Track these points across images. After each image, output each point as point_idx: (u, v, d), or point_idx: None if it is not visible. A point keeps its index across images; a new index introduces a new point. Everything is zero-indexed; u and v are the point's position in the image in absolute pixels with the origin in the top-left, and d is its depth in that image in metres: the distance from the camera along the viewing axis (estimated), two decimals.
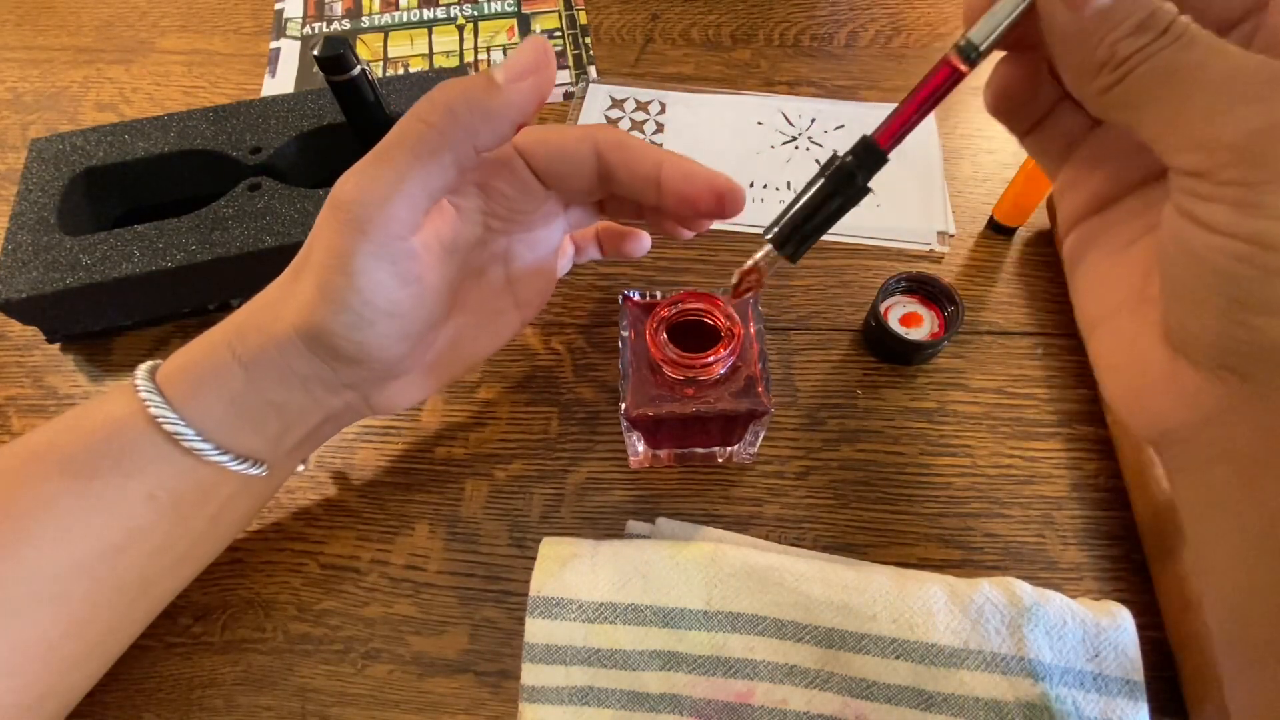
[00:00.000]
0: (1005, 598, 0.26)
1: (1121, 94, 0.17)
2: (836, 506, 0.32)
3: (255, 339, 0.24)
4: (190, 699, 0.28)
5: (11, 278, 0.33)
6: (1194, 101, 0.15)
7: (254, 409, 0.25)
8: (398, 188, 0.22)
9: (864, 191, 0.21)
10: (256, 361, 0.24)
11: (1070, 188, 0.22)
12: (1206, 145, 0.15)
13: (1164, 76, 0.16)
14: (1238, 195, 0.15)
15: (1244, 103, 0.15)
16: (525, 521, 0.31)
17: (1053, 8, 0.18)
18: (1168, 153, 0.16)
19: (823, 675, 0.26)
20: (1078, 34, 0.17)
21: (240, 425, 0.25)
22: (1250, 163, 0.15)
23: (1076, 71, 0.18)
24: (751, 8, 0.50)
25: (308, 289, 0.23)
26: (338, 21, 0.51)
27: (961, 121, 0.44)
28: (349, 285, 0.23)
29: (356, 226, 0.22)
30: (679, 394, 0.27)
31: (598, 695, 0.26)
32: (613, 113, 0.45)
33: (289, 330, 0.24)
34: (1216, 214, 0.15)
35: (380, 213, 0.22)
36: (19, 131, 0.45)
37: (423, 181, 0.22)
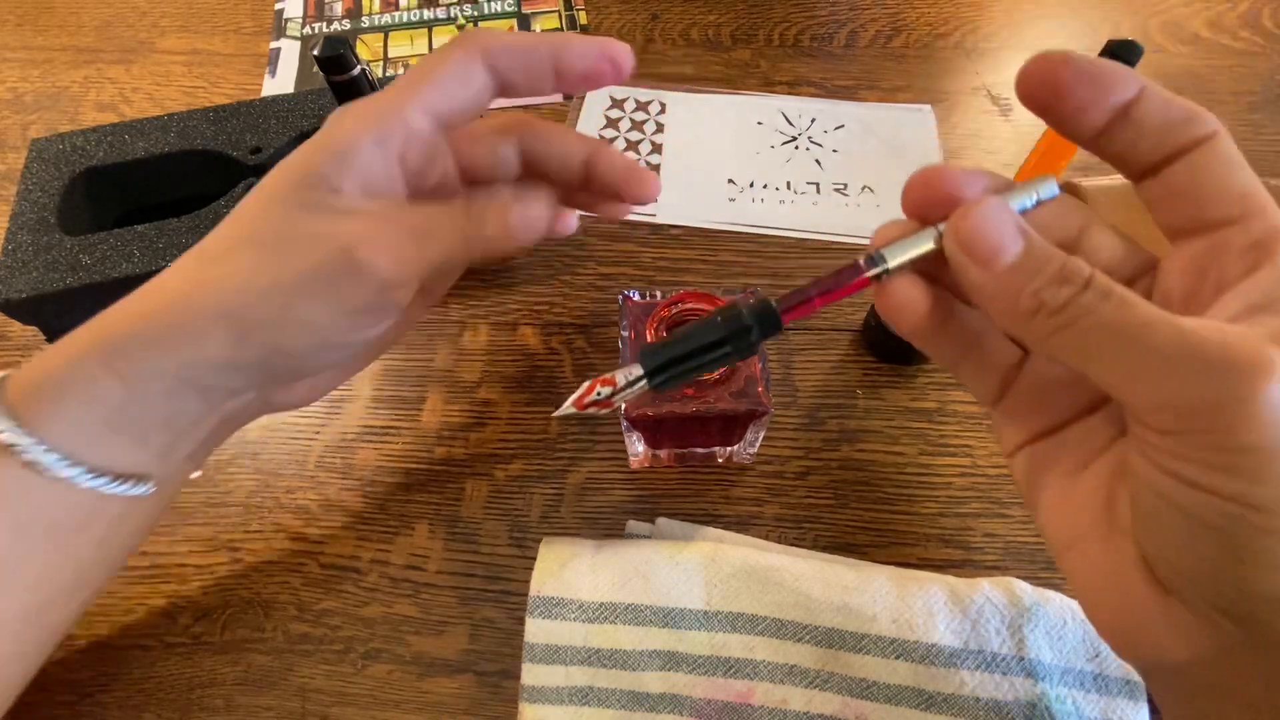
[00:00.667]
0: (1005, 598, 0.26)
1: (1065, 343, 0.16)
2: (836, 506, 0.32)
3: (139, 351, 0.22)
4: (190, 699, 0.28)
5: (11, 278, 0.33)
6: (1151, 365, 0.15)
7: (136, 424, 0.23)
8: (412, 95, 0.23)
9: (752, 350, 0.21)
10: (141, 374, 0.22)
11: (1010, 419, 0.21)
12: (1172, 409, 0.15)
13: (1111, 335, 0.16)
14: (1212, 459, 0.15)
15: (1204, 373, 0.14)
16: (525, 521, 0.31)
17: (962, 264, 0.18)
18: (1131, 408, 0.16)
19: (823, 675, 0.26)
20: (994, 288, 0.17)
21: (118, 443, 0.23)
22: (1220, 430, 0.14)
23: (1004, 318, 0.18)
24: (751, 8, 0.50)
25: (246, 264, 0.22)
26: (338, 21, 0.51)
27: (961, 121, 0.44)
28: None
29: (367, 120, 0.23)
30: (679, 394, 0.27)
31: (598, 695, 0.26)
32: (613, 112, 0.45)
33: (204, 329, 0.22)
34: (1194, 472, 0.15)
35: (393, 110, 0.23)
36: (19, 131, 0.45)
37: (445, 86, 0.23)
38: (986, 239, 0.17)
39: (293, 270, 0.22)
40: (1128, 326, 0.15)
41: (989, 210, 0.17)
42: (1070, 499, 0.19)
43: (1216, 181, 0.17)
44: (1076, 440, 0.20)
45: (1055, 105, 0.18)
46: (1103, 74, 0.17)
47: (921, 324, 0.20)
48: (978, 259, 0.17)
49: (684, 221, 0.40)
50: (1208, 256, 0.18)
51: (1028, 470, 0.21)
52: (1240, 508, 0.15)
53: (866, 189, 0.41)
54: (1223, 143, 0.17)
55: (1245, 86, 0.45)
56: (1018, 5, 0.51)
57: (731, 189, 0.42)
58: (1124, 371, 0.16)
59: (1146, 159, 0.18)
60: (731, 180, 0.42)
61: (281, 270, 0.22)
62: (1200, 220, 0.18)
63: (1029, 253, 0.17)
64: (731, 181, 0.42)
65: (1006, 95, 0.46)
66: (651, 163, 0.43)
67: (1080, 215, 0.19)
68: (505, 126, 0.26)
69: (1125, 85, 0.17)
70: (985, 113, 0.45)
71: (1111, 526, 0.18)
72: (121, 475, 0.23)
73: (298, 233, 0.23)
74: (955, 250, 0.18)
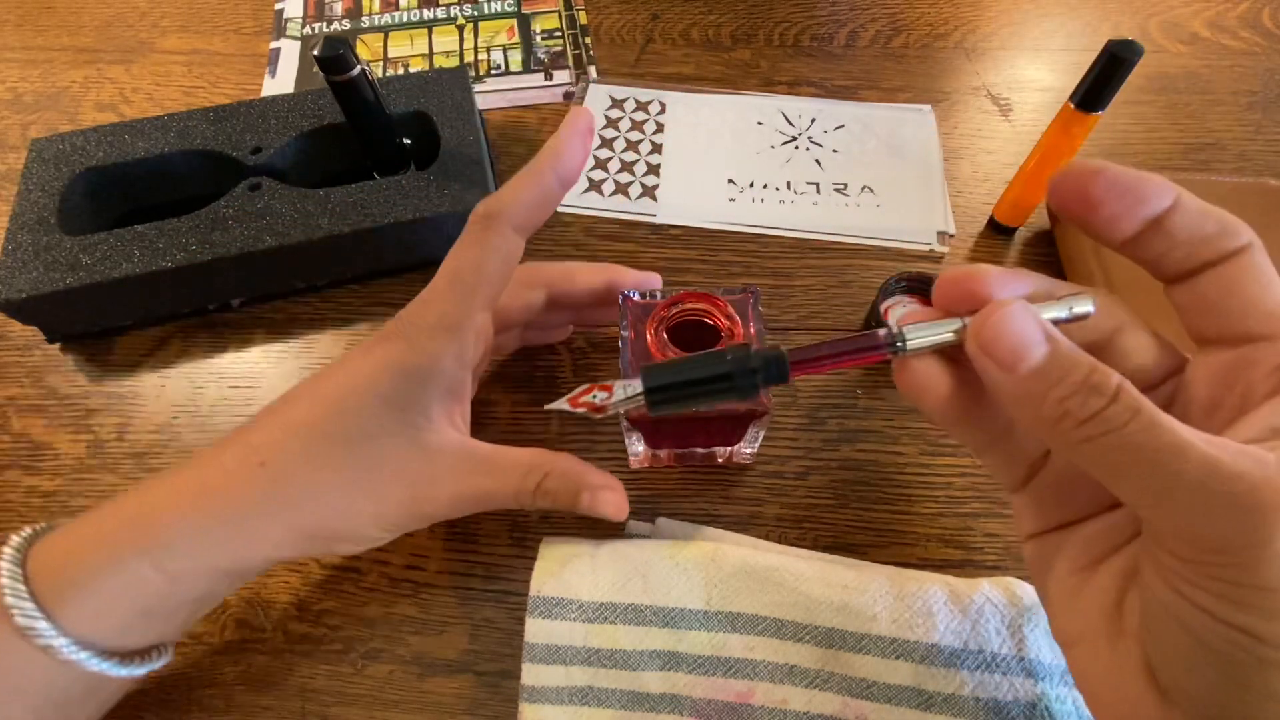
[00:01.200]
0: (1005, 598, 0.26)
1: (1089, 455, 0.16)
2: (836, 506, 0.32)
3: (194, 553, 0.23)
4: (190, 699, 0.28)
5: (11, 278, 0.33)
6: (1176, 493, 0.15)
7: (173, 612, 0.24)
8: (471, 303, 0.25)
9: (753, 393, 0.21)
10: (191, 571, 0.23)
11: (1031, 507, 0.21)
12: (1192, 539, 0.15)
13: (1137, 457, 0.15)
14: (1227, 591, 0.15)
15: (1229, 510, 0.14)
16: (525, 521, 0.31)
17: (985, 367, 0.17)
18: (1152, 530, 0.16)
19: (823, 675, 0.26)
20: (1016, 393, 0.17)
21: (150, 627, 0.24)
22: (1238, 566, 0.14)
23: (1029, 423, 0.17)
24: (751, 8, 0.50)
25: (329, 494, 0.24)
26: (338, 21, 0.51)
27: (961, 121, 0.44)
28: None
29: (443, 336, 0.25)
30: None
31: (598, 695, 0.26)
32: (613, 112, 0.45)
33: (267, 537, 0.24)
34: (1207, 600, 0.15)
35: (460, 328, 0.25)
36: (19, 131, 0.45)
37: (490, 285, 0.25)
38: (1008, 341, 0.17)
39: (371, 508, 0.25)
40: (1157, 451, 0.15)
41: (1013, 312, 0.17)
42: (1081, 594, 0.19)
43: (1247, 297, 0.17)
44: (1094, 536, 0.19)
45: (1087, 217, 0.18)
46: (1136, 186, 0.17)
47: (942, 407, 0.19)
48: (1000, 362, 0.17)
49: (684, 221, 0.40)
50: (1234, 370, 0.17)
51: (1041, 558, 0.21)
52: (1249, 639, 0.15)
53: (866, 189, 0.41)
54: (1255, 256, 0.17)
55: (1245, 86, 0.45)
56: (1018, 5, 0.51)
57: (731, 189, 0.42)
58: (1147, 493, 0.16)
59: (1177, 268, 0.18)
60: (731, 180, 0.42)
61: (361, 505, 0.25)
62: (1229, 334, 0.18)
63: (1054, 358, 0.17)
64: (731, 181, 0.42)
65: (1006, 95, 0.46)
66: (651, 163, 0.43)
67: (1115, 317, 0.19)
68: (532, 280, 0.30)
69: (1159, 197, 0.17)
70: (985, 113, 0.45)
71: (1120, 627, 0.18)
72: (143, 654, 0.24)
73: (383, 471, 0.25)
74: (976, 351, 0.18)
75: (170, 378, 0.36)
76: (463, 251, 0.25)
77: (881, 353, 0.20)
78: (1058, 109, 0.34)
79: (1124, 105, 0.44)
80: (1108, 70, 0.31)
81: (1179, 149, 0.43)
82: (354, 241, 0.35)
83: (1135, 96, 0.45)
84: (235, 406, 0.35)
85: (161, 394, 0.35)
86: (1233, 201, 0.34)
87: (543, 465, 0.26)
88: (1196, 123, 0.44)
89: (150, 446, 0.34)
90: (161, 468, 0.33)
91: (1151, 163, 0.42)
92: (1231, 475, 0.14)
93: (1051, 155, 0.35)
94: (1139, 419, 0.15)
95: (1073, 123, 0.33)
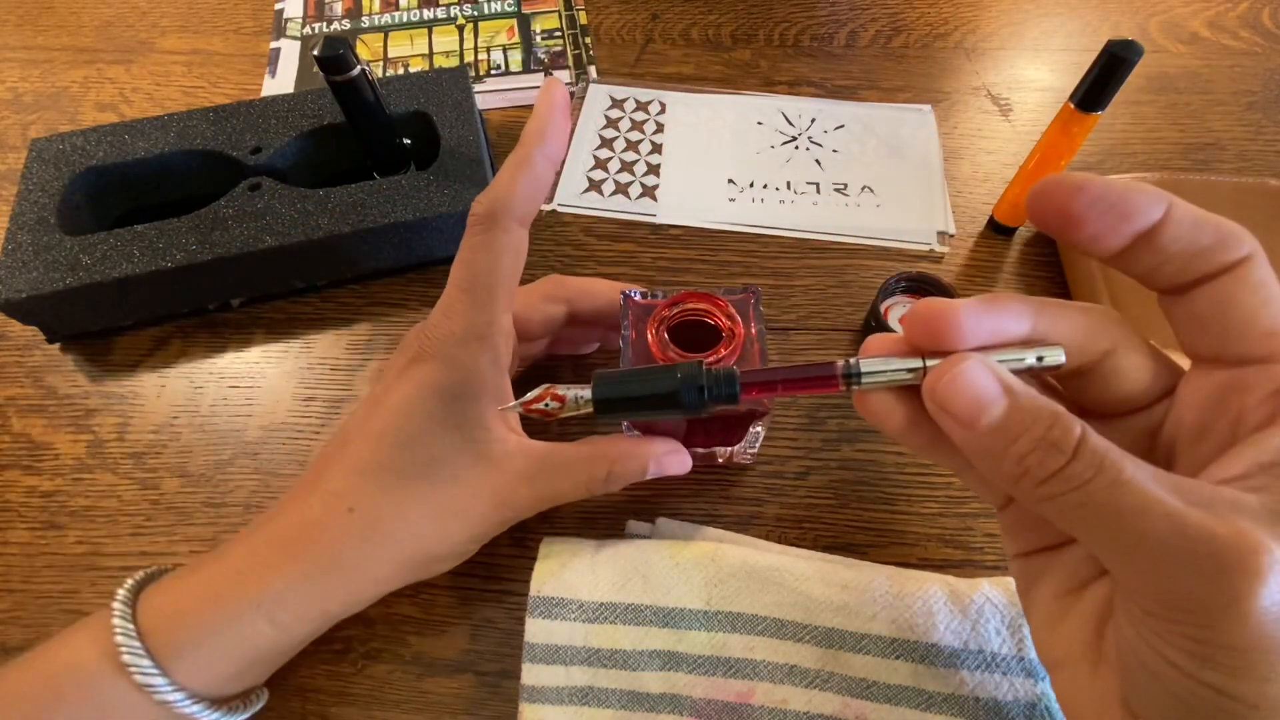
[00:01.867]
0: (1005, 598, 0.26)
1: (1052, 511, 0.16)
2: (836, 506, 0.32)
3: (305, 603, 0.24)
4: None
5: (11, 278, 0.33)
6: (1141, 552, 0.15)
7: (279, 656, 0.25)
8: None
9: (700, 411, 0.21)
10: (301, 619, 0.24)
11: (1012, 530, 0.21)
12: (1160, 600, 0.15)
13: (1100, 514, 0.15)
14: (1195, 649, 0.14)
15: (1194, 570, 0.14)
16: (525, 521, 0.31)
17: (943, 421, 0.17)
18: (1119, 583, 0.16)
19: (823, 675, 0.26)
20: (976, 449, 0.17)
21: (257, 674, 0.25)
22: (1206, 626, 0.14)
23: (991, 476, 0.17)
24: (751, 8, 0.50)
25: (423, 528, 0.25)
26: (338, 21, 0.51)
27: (961, 121, 0.44)
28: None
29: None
30: None
31: (598, 695, 0.26)
32: (613, 112, 0.45)
33: (369, 586, 0.25)
34: (1175, 655, 0.15)
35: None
36: (19, 131, 0.45)
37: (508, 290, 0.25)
38: (964, 399, 0.16)
39: (461, 526, 0.26)
40: (1119, 510, 0.15)
41: (968, 370, 0.17)
42: (1065, 619, 0.19)
43: (1243, 314, 0.16)
44: (1075, 561, 0.19)
45: (1068, 233, 0.17)
46: (1122, 201, 0.16)
47: (903, 437, 0.19)
48: (957, 419, 0.17)
49: (684, 221, 0.40)
50: (1227, 393, 0.17)
51: (1026, 579, 0.20)
52: (1218, 696, 0.14)
53: (866, 189, 0.41)
54: (1255, 270, 0.16)
55: (1245, 86, 0.45)
56: (1018, 5, 0.51)
57: (731, 189, 0.42)
58: (1113, 550, 0.15)
59: (1170, 282, 0.17)
60: (731, 180, 0.42)
61: (451, 526, 0.26)
62: (1223, 354, 0.17)
63: (1011, 413, 0.16)
64: (731, 181, 0.42)
65: (1006, 95, 0.46)
66: (651, 163, 0.43)
67: (1112, 335, 0.18)
68: (552, 293, 0.30)
69: (1147, 211, 0.16)
70: (985, 113, 0.45)
71: (1098, 655, 0.18)
72: (243, 695, 0.25)
73: (464, 489, 0.25)
74: (934, 408, 0.17)
75: (170, 378, 0.36)
76: (473, 257, 0.25)
77: (835, 385, 0.19)
78: (1058, 109, 0.34)
79: (1124, 105, 0.44)
80: (1108, 70, 0.31)
81: (1179, 149, 0.43)
82: (354, 241, 0.35)
83: (1135, 96, 0.45)
84: (235, 406, 0.35)
85: (161, 394, 0.35)
86: (1233, 202, 0.34)
87: (607, 454, 0.27)
88: (1196, 123, 0.44)
89: (150, 446, 0.34)
90: (161, 467, 0.33)
91: (1152, 163, 0.42)
92: (1198, 535, 0.14)
93: (1051, 155, 0.35)
94: (1101, 476, 0.15)
95: (1073, 123, 0.33)
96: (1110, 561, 0.16)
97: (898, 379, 0.18)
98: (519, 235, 0.25)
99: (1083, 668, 0.18)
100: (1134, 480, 0.15)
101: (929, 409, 0.18)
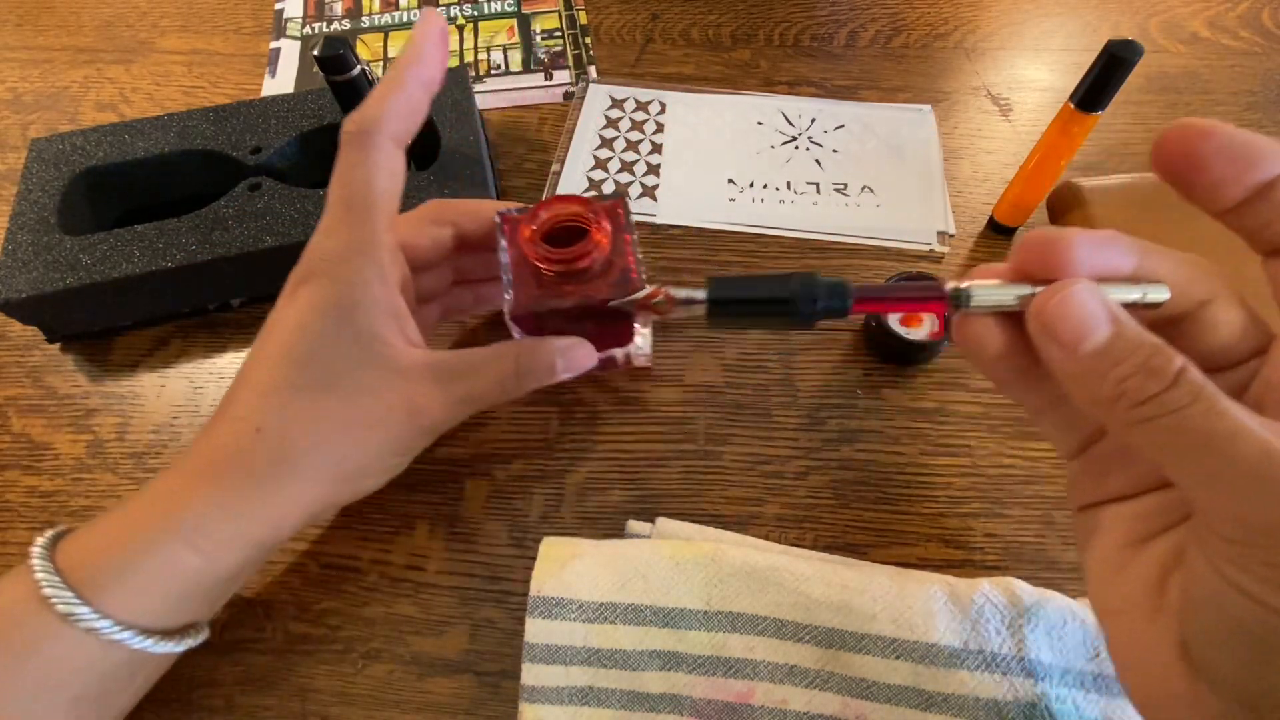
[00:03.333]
0: (1005, 598, 0.26)
1: (1144, 436, 0.16)
2: (836, 506, 0.32)
3: (223, 525, 0.24)
4: (190, 699, 0.28)
5: (11, 278, 0.33)
6: (1228, 478, 0.15)
7: (209, 589, 0.25)
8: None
9: (809, 320, 0.21)
10: (223, 545, 0.24)
11: (1085, 477, 0.21)
12: (1243, 523, 0.15)
13: (1193, 440, 0.15)
14: (1270, 575, 0.15)
15: (1278, 493, 0.14)
16: (525, 521, 0.31)
17: (1045, 344, 0.17)
18: (1201, 511, 0.16)
19: (823, 675, 0.26)
20: (1074, 371, 0.17)
21: (187, 609, 0.24)
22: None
23: (1084, 401, 0.17)
24: (751, 8, 0.50)
25: (332, 451, 0.25)
26: (338, 21, 0.51)
27: (961, 121, 0.44)
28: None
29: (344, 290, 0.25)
30: (557, 289, 0.28)
31: (598, 695, 0.26)
32: (613, 112, 0.45)
33: (290, 509, 0.25)
34: (1249, 582, 0.15)
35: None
36: (19, 131, 0.45)
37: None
38: (1071, 322, 0.17)
39: (378, 437, 0.25)
40: (1212, 435, 0.15)
41: (1078, 293, 0.17)
42: (1126, 569, 0.19)
43: None
44: (1147, 512, 0.19)
45: (1190, 178, 0.17)
46: (1247, 150, 0.16)
47: (997, 366, 0.19)
48: (1060, 341, 0.17)
49: (684, 221, 0.40)
50: None
51: (1086, 530, 0.20)
52: None
53: (866, 189, 0.41)
54: None
55: (1245, 86, 0.45)
56: (1018, 5, 0.51)
57: (731, 189, 0.42)
58: (1200, 476, 0.15)
59: (1278, 241, 0.17)
60: (731, 180, 0.42)
61: (368, 437, 0.25)
62: None
63: (1116, 339, 0.16)
64: (731, 181, 0.42)
65: (1006, 95, 0.46)
66: (651, 163, 0.43)
67: (1211, 286, 0.18)
68: (435, 215, 0.30)
69: (1271, 162, 0.16)
70: (985, 113, 0.45)
71: (1159, 604, 0.18)
72: (181, 630, 0.25)
73: (373, 399, 0.25)
74: (1037, 329, 0.17)
75: (170, 378, 0.36)
76: (349, 174, 0.25)
77: (942, 303, 0.19)
78: (1058, 109, 0.34)
79: (1124, 105, 0.44)
80: (1108, 70, 0.31)
81: None
82: None
83: (1135, 96, 0.45)
84: None
85: (161, 394, 0.35)
86: None
87: (511, 349, 0.27)
88: None
89: (150, 446, 0.34)
90: (162, 467, 0.33)
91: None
92: None
93: (1051, 155, 0.35)
94: (1198, 404, 0.15)
95: (1073, 123, 0.33)
96: (1195, 486, 0.16)
97: (1005, 303, 0.19)
98: (394, 154, 0.25)
99: (1139, 616, 0.18)
100: (1229, 410, 0.15)
101: (1031, 331, 0.18)
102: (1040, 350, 0.18)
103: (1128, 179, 0.37)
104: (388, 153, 0.25)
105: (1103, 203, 0.36)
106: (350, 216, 0.25)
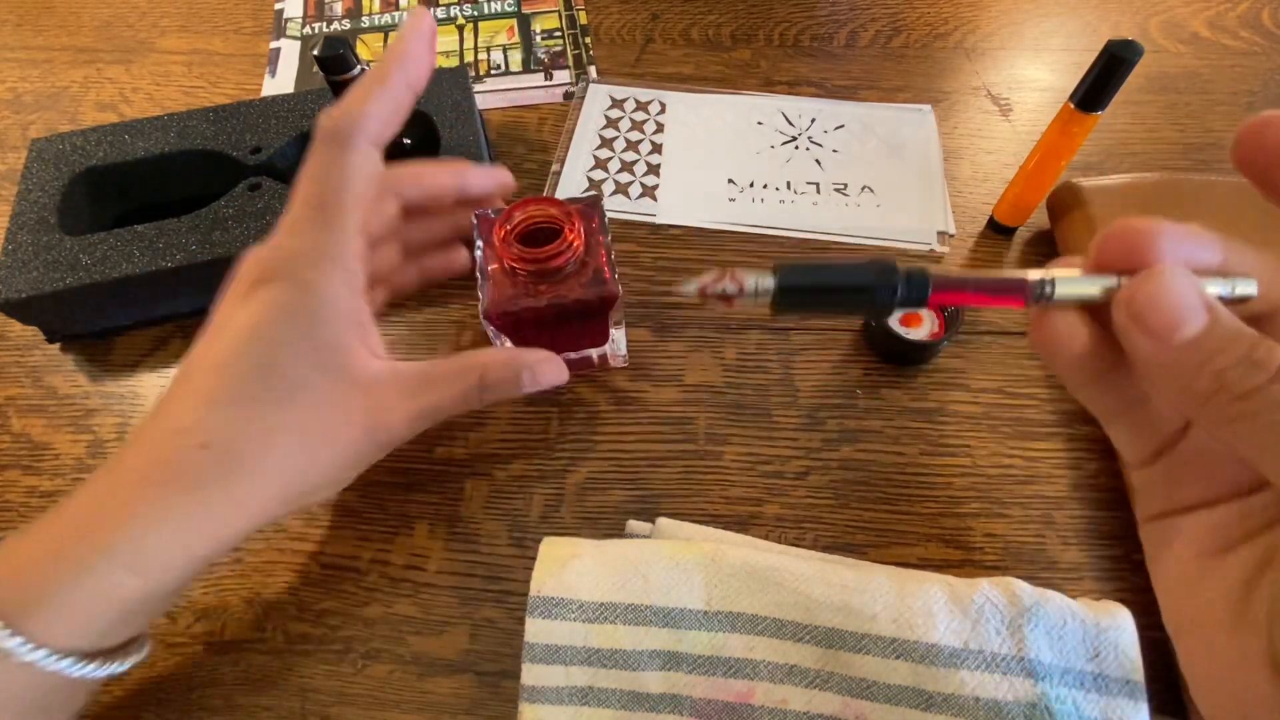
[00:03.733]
0: (1005, 598, 0.26)
1: (1241, 432, 0.15)
2: (836, 506, 0.32)
3: (167, 547, 0.22)
4: (190, 699, 0.28)
5: (11, 278, 0.33)
6: None
7: (151, 607, 0.23)
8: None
9: (888, 309, 0.20)
10: (166, 566, 0.22)
11: (1158, 486, 0.20)
12: None
13: None
14: None
15: None
16: (525, 521, 0.31)
17: (1131, 334, 0.16)
18: None
19: (823, 675, 0.26)
20: (1165, 363, 0.16)
21: (127, 628, 0.23)
22: None
23: (1174, 396, 0.16)
24: (751, 8, 0.50)
25: (290, 463, 0.23)
26: (338, 21, 0.51)
27: (961, 121, 0.44)
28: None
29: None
30: (533, 292, 0.28)
31: (598, 695, 0.26)
32: (613, 112, 0.45)
33: (240, 522, 0.23)
34: None
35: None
36: (19, 131, 0.45)
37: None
38: (1164, 310, 0.16)
39: (330, 453, 0.24)
40: None
41: (1172, 278, 0.16)
42: (1204, 581, 0.18)
43: None
44: (1227, 521, 0.18)
45: (1273, 172, 0.16)
46: None
47: (1076, 365, 0.18)
48: (1152, 330, 0.16)
49: (684, 221, 0.40)
50: None
51: (1162, 541, 0.19)
52: None
53: (866, 189, 0.41)
54: None
55: (1245, 86, 0.45)
56: (1018, 5, 0.51)
57: (731, 189, 0.42)
58: None
59: None
60: (731, 180, 0.42)
61: (320, 453, 0.24)
62: None
63: (1213, 328, 0.15)
64: (731, 181, 0.42)
65: (1006, 95, 0.46)
66: (651, 163, 0.43)
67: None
68: (382, 190, 0.28)
69: None
70: (985, 113, 0.45)
71: (1242, 616, 0.17)
72: (124, 646, 0.23)
73: (329, 413, 0.24)
74: (1125, 318, 0.16)
75: (170, 378, 0.36)
76: (323, 173, 0.24)
77: (1023, 297, 0.18)
78: (1058, 109, 0.34)
79: (1124, 105, 0.44)
80: (1107, 70, 0.31)
81: (1179, 149, 0.43)
82: None
83: (1135, 96, 0.45)
84: None
85: (161, 394, 0.35)
86: (1232, 202, 0.34)
87: (478, 361, 0.26)
88: (1196, 123, 0.44)
89: None
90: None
91: (1152, 163, 0.42)
92: None
93: (1051, 155, 0.35)
94: None
95: (1072, 123, 0.33)
96: None
97: (1089, 295, 0.18)
98: (372, 157, 0.24)
99: (1220, 630, 0.17)
100: None
101: (1118, 322, 0.17)
102: (1127, 343, 0.17)
103: (1128, 179, 0.37)
104: (365, 154, 0.24)
105: (1103, 203, 0.36)
106: (319, 217, 0.23)
